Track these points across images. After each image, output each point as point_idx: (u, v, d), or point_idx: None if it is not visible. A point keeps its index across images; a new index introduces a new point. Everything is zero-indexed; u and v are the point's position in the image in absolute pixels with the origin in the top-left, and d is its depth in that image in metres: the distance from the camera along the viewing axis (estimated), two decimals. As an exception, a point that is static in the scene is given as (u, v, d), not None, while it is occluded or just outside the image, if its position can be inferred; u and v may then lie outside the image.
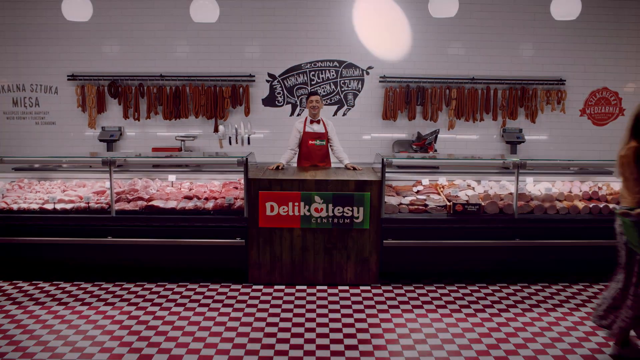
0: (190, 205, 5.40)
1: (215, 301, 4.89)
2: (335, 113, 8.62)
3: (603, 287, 5.30)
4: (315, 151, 6.24)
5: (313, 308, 4.75)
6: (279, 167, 5.95)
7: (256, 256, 5.31)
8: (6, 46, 8.41)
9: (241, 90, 8.47)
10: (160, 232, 5.30)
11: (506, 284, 5.36)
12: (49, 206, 5.38)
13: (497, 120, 8.59)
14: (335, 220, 5.25)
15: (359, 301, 4.93)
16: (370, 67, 8.52)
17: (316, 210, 5.23)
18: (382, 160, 5.31)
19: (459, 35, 8.43)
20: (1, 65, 8.48)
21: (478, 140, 8.70)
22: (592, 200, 5.67)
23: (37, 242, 5.30)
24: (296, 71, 8.54)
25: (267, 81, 8.56)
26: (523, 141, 8.27)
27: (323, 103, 6.65)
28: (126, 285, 5.26)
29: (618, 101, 8.65)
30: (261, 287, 5.23)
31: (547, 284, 5.37)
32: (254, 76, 8.49)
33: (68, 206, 5.41)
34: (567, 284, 5.38)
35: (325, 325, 4.39)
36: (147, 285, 5.26)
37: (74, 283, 5.31)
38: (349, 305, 4.83)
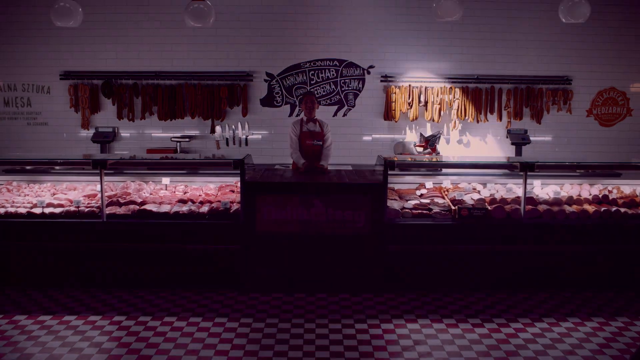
0: (184, 209, 5.20)
1: (209, 310, 4.68)
2: (335, 113, 8.44)
3: (613, 295, 5.10)
4: (312, 151, 6.11)
5: (312, 318, 4.54)
6: (302, 168, 5.97)
7: (253, 263, 5.11)
8: (-3, 44, 8.23)
9: (239, 89, 8.29)
10: (153, 238, 5.10)
11: (514, 292, 5.15)
12: (38, 210, 5.18)
13: (502, 121, 8.41)
14: (335, 225, 5.04)
15: (361, 310, 4.72)
16: (371, 66, 8.34)
17: (316, 214, 5.03)
18: (385, 162, 5.11)
19: (463, 33, 8.25)
20: (-8, 64, 8.30)
21: (482, 141, 8.54)
22: (603, 204, 5.46)
23: (24, 248, 5.10)
24: (295, 70, 8.35)
25: (266, 80, 8.38)
26: (528, 142, 8.09)
27: (318, 104, 6.55)
28: (117, 292, 5.05)
29: (626, 101, 8.47)
30: (258, 295, 5.03)
31: (556, 291, 5.16)
32: (252, 75, 8.31)
33: (57, 210, 5.21)
34: (575, 290, 5.18)
35: (325, 336, 4.19)
36: (139, 292, 5.05)
37: (62, 290, 5.10)
38: (350, 314, 4.63)
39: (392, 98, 8.26)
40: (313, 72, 8.37)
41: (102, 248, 5.10)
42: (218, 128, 8.26)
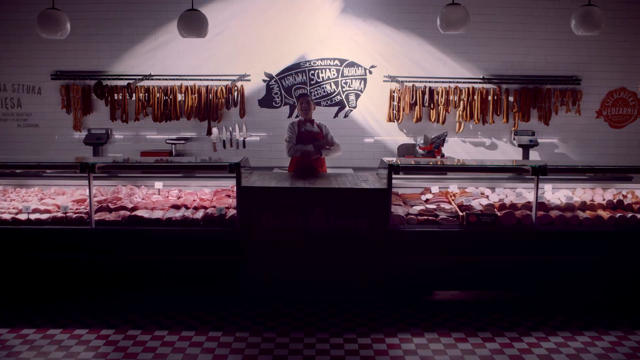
0: (177, 215, 4.94)
1: (203, 323, 4.41)
2: (336, 115, 8.20)
3: (632, 306, 4.82)
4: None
5: (312, 331, 4.27)
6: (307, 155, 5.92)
7: (250, 272, 4.85)
8: (-14, 43, 8.00)
9: (236, 90, 8.05)
10: (144, 246, 4.85)
11: (527, 303, 4.87)
12: (23, 216, 4.91)
13: (509, 122, 8.18)
14: (336, 232, 4.78)
15: (364, 323, 4.45)
16: (373, 66, 8.11)
17: (316, 221, 4.77)
18: (389, 166, 4.85)
19: (469, 31, 7.97)
20: (-19, 64, 8.07)
21: (488, 143, 8.30)
22: (618, 209, 5.20)
23: (7, 255, 4.83)
24: (294, 70, 8.12)
25: (264, 81, 8.15)
26: (536, 144, 7.85)
27: (314, 105, 6.35)
28: (105, 303, 4.78)
29: (636, 102, 8.25)
30: (255, 307, 4.75)
31: (569, 302, 4.89)
32: (250, 75, 8.08)
33: (44, 216, 4.94)
34: (590, 301, 4.90)
35: (326, 352, 3.92)
36: (129, 304, 4.78)
37: (47, 301, 4.82)
38: (353, 327, 4.36)
39: (395, 99, 8.03)
40: (313, 72, 8.13)
41: (91, 256, 4.84)
42: (215, 130, 8.01)
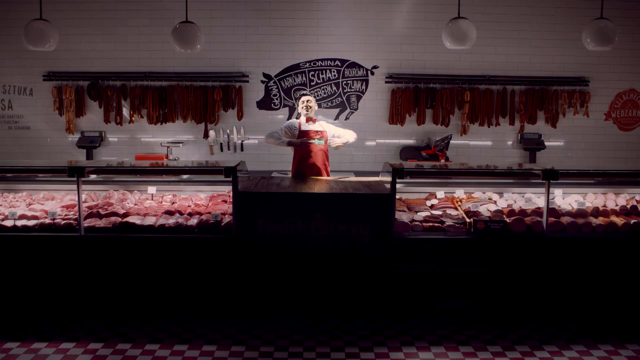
0: (171, 222, 4.70)
1: (197, 336, 4.19)
2: (337, 117, 8.00)
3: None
4: (315, 151, 5.79)
5: (312, 345, 4.05)
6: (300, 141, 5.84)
7: (246, 281, 4.61)
8: (-24, 44, 7.78)
9: (234, 91, 7.85)
10: (135, 254, 4.62)
11: (537, 314, 4.65)
12: (9, 223, 4.67)
13: (515, 124, 7.97)
14: (338, 240, 4.55)
15: (366, 336, 4.22)
16: (375, 67, 7.89)
17: (316, 228, 4.53)
18: (393, 169, 4.61)
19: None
20: (-29, 64, 7.85)
21: (493, 146, 8.11)
22: (632, 216, 4.96)
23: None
24: (294, 71, 7.91)
25: (262, 82, 7.95)
26: (543, 147, 7.64)
27: (316, 104, 6.14)
28: (94, 314, 4.55)
29: (646, 104, 8.05)
30: (252, 319, 4.52)
31: (583, 313, 4.66)
32: (248, 76, 7.88)
33: (30, 223, 4.69)
34: (610, 312, 4.67)
35: (327, 369, 3.69)
36: (119, 315, 4.55)
37: (32, 312, 4.60)
38: (355, 340, 4.13)
39: (398, 100, 7.82)
40: (313, 73, 7.92)
41: (79, 265, 4.61)
42: (212, 132, 7.79)
